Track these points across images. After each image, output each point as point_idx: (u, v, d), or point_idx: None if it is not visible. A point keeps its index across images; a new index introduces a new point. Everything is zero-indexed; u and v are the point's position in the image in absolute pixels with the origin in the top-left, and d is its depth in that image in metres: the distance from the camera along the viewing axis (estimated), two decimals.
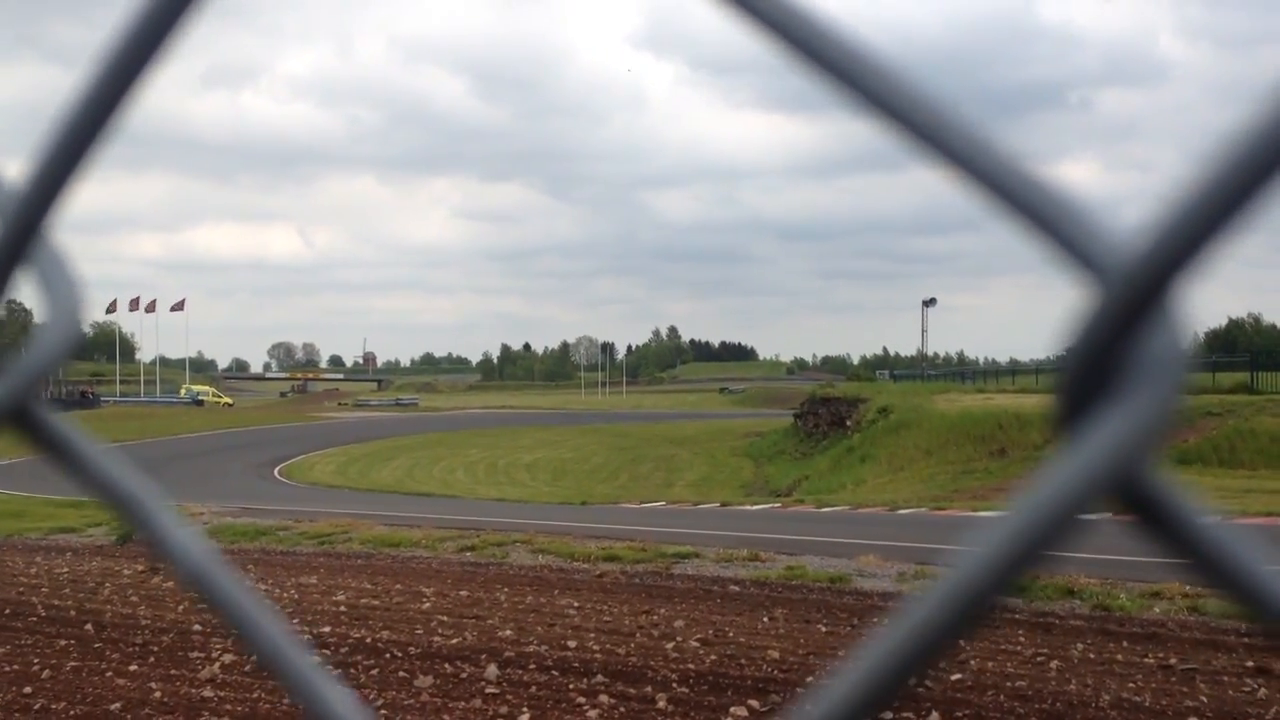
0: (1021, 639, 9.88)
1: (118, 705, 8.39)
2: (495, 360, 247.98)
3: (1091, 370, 0.39)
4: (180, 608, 11.37)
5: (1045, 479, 0.39)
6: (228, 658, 9.40)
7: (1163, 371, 0.39)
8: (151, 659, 9.57)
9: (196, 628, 10.47)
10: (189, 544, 0.66)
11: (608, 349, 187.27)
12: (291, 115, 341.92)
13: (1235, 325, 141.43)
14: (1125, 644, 9.72)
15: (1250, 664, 8.90)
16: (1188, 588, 11.33)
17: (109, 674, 9.19)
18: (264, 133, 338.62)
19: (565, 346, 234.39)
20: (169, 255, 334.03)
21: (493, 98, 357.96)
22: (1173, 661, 9.08)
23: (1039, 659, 9.24)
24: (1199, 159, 0.37)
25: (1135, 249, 0.38)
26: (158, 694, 8.61)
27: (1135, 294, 0.38)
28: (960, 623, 0.41)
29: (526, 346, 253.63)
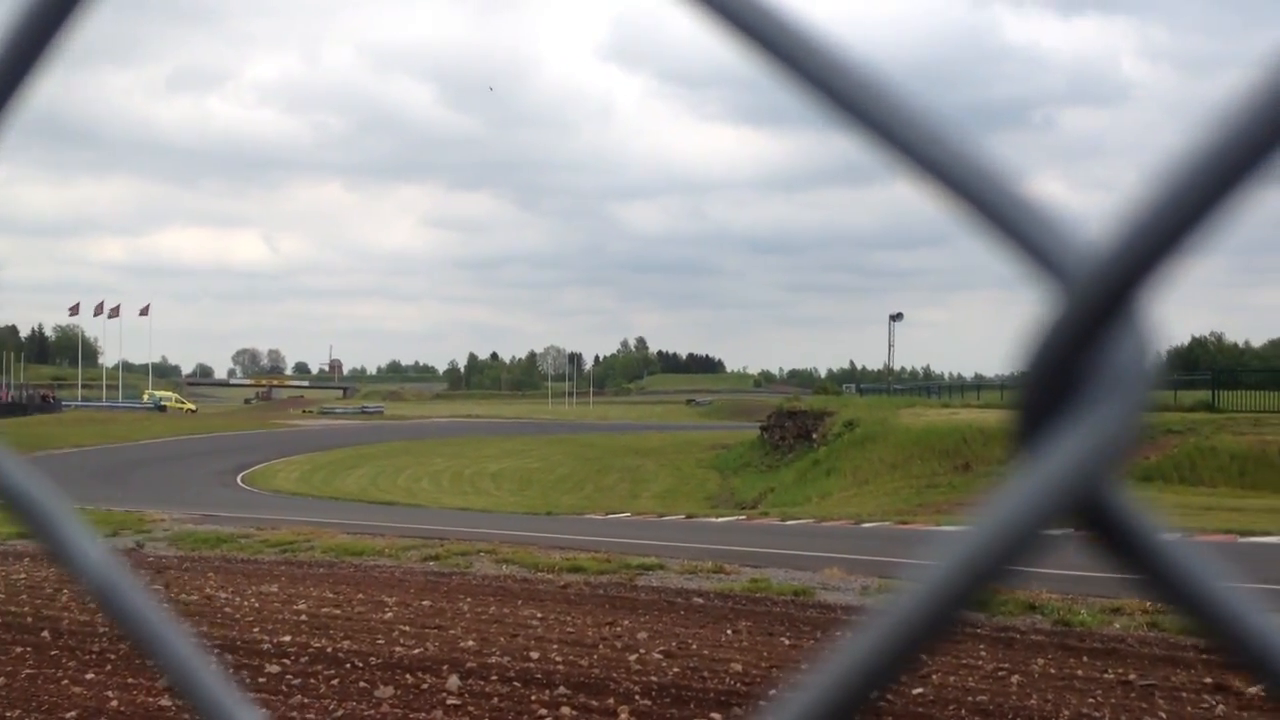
0: (983, 654, 9.91)
1: (74, 714, 8.28)
2: (462, 369, 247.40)
3: (1053, 382, 0.38)
4: None
5: (1005, 496, 0.38)
6: None
7: (1126, 384, 0.38)
8: (109, 667, 9.45)
9: None
10: (94, 555, 0.63)
11: (575, 359, 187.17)
12: (258, 121, 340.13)
13: (1198, 343, 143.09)
14: (1086, 659, 9.77)
15: (1209, 681, 8.96)
16: (1148, 604, 11.40)
17: (65, 682, 9.08)
18: (230, 138, 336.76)
19: (533, 356, 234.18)
20: (133, 259, 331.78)
21: (461, 106, 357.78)
22: (1132, 677, 9.13)
23: (1000, 674, 9.27)
24: (1163, 170, 0.36)
25: (1099, 257, 0.37)
26: (114, 703, 8.51)
27: (1099, 302, 0.37)
28: (916, 643, 0.40)
29: (494, 356, 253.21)
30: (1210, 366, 61.96)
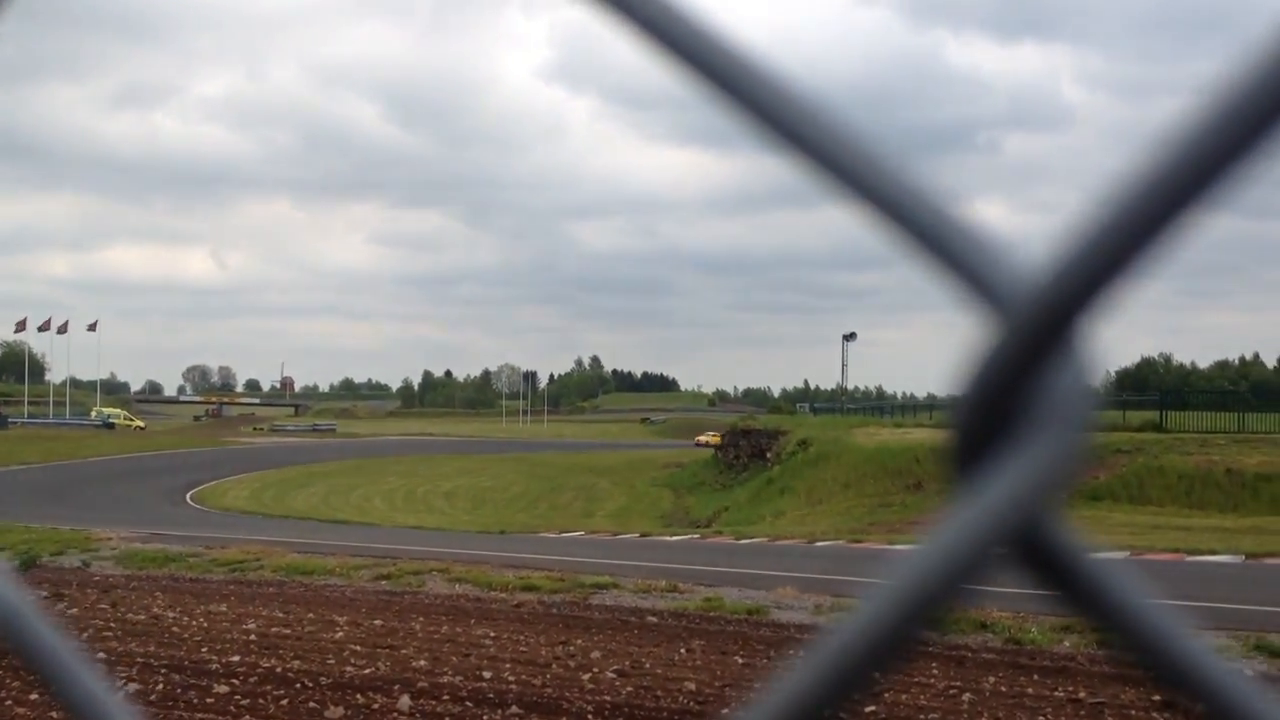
0: (935, 672, 9.95)
1: None
2: (416, 387, 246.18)
3: (990, 411, 0.38)
4: (85, 635, 11.09)
5: (943, 529, 0.38)
6: (133, 686, 9.18)
7: (1067, 412, 0.37)
8: None
9: (101, 655, 10.20)
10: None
11: (530, 377, 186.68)
12: (204, 137, 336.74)
13: (1147, 364, 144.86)
14: (1036, 677, 9.83)
15: (1157, 699, 9.05)
16: None
17: (9, 702, 8.92)
18: (177, 154, 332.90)
19: (487, 374, 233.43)
20: (80, 275, 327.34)
21: (408, 124, 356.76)
22: (1082, 695, 9.20)
23: (951, 692, 9.31)
24: (1103, 195, 0.36)
25: (1039, 283, 0.37)
26: None
27: (1038, 331, 0.37)
28: (858, 672, 0.40)
29: (448, 373, 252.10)
30: (1159, 387, 62.77)
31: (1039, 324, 0.37)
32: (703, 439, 74.52)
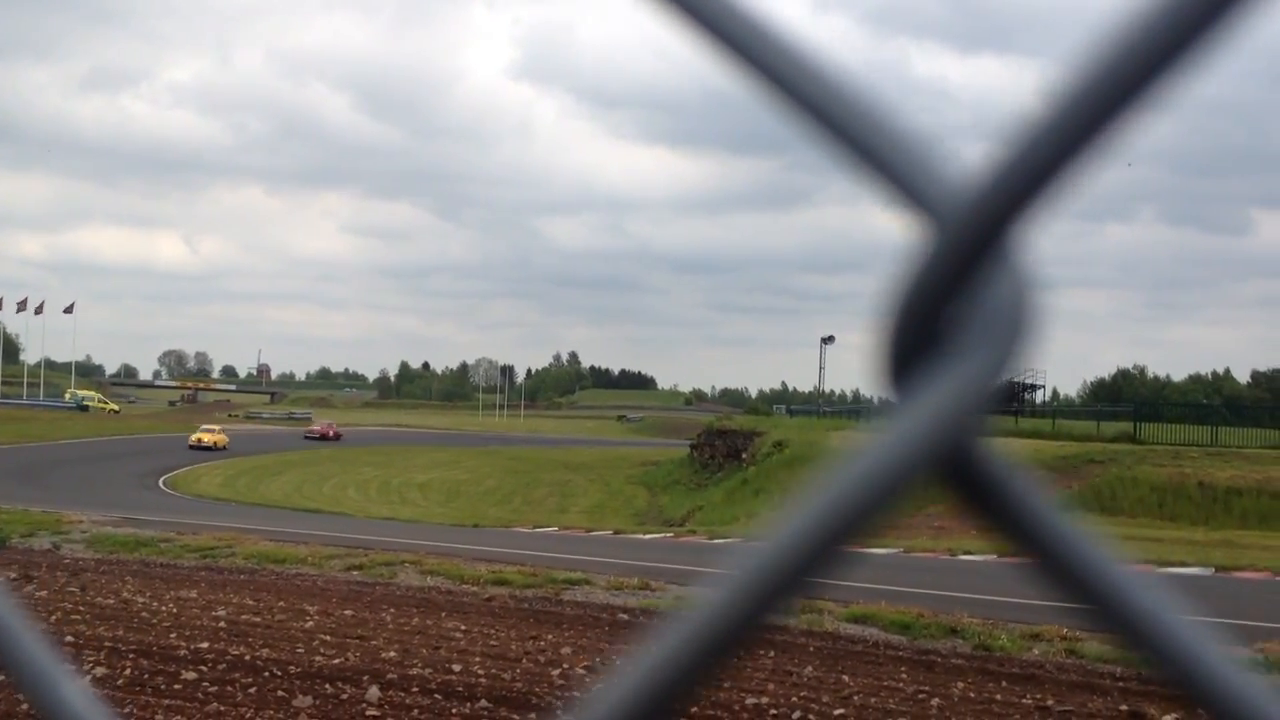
0: (904, 676, 9.99)
1: None
2: (393, 378, 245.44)
3: (922, 325, 0.37)
4: (53, 618, 11.01)
5: (869, 445, 0.37)
6: (100, 670, 9.12)
7: (1001, 324, 0.36)
8: None
9: (69, 638, 10.14)
10: None
11: (507, 372, 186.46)
12: (175, 123, 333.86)
13: (1122, 375, 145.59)
14: (1005, 684, 9.87)
15: (1124, 708, 9.10)
16: (1066, 631, 11.57)
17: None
18: (148, 138, 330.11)
19: (465, 367, 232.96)
20: (52, 256, 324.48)
21: (378, 115, 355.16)
22: (1050, 703, 9.25)
23: (920, 696, 9.34)
24: (1036, 102, 0.36)
25: (973, 189, 0.36)
26: (25, 706, 8.31)
27: (972, 238, 0.36)
28: (776, 595, 0.39)
29: (426, 365, 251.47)
30: (1133, 399, 63.14)
31: (972, 232, 0.36)
32: (205, 438, 61.53)
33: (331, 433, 75.73)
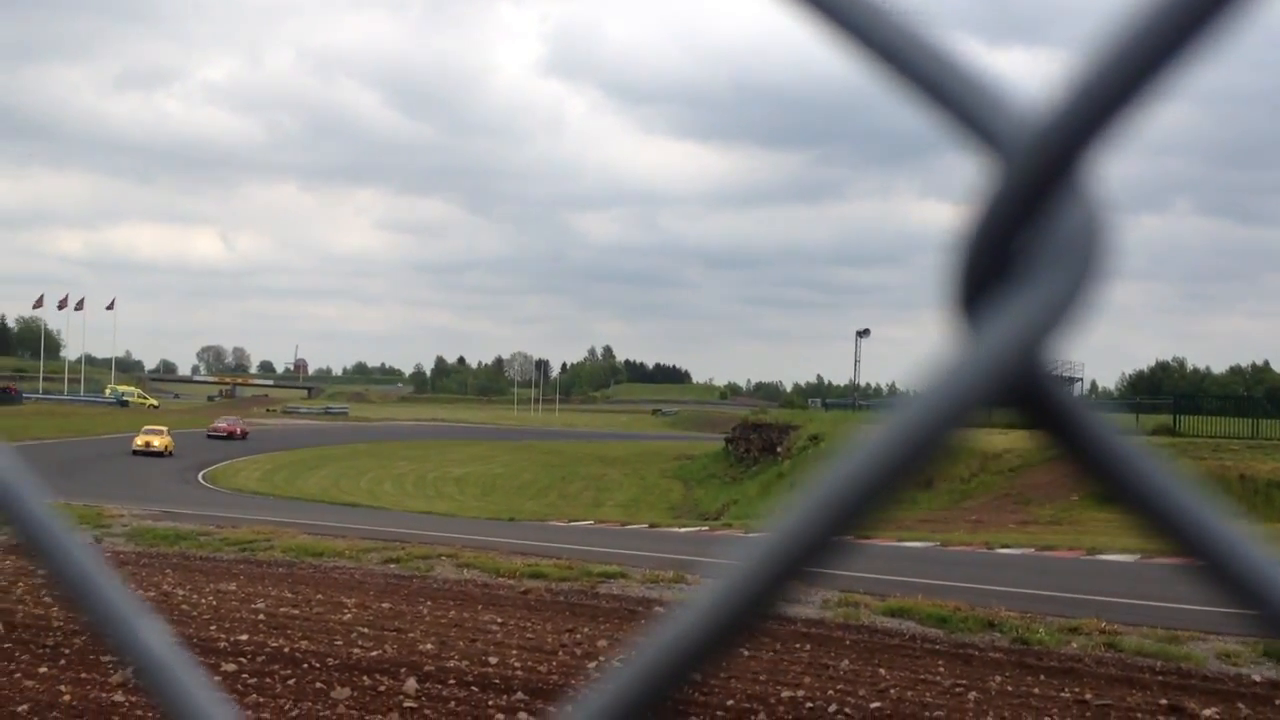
0: (941, 669, 9.95)
1: (25, 707, 8.18)
2: (428, 372, 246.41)
3: (993, 256, 0.37)
4: None
5: (938, 374, 0.37)
6: None
7: (1071, 255, 0.36)
8: (62, 661, 9.34)
9: None
10: (68, 545, 0.61)
11: (542, 366, 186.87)
12: (209, 121, 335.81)
13: (1161, 368, 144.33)
14: (1043, 678, 9.82)
15: (1164, 702, 9.03)
16: (1105, 625, 11.49)
17: (17, 675, 8.97)
18: (183, 136, 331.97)
19: (499, 361, 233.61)
20: (91, 253, 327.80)
21: (410, 112, 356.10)
22: (1088, 697, 9.19)
23: (958, 689, 9.30)
24: (1103, 34, 0.36)
25: (1041, 121, 0.36)
26: (67, 697, 8.41)
27: (1042, 168, 0.36)
28: (847, 519, 0.40)
29: (461, 360, 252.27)
30: (1172, 391, 62.57)
31: (1041, 163, 0.36)
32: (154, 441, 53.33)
33: (239, 431, 69.72)
